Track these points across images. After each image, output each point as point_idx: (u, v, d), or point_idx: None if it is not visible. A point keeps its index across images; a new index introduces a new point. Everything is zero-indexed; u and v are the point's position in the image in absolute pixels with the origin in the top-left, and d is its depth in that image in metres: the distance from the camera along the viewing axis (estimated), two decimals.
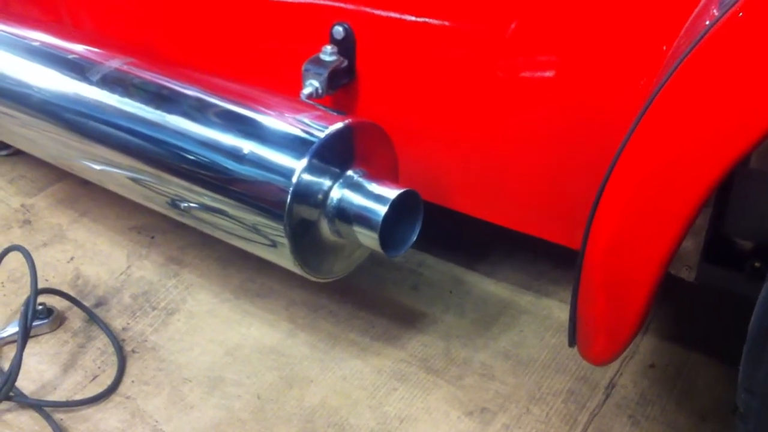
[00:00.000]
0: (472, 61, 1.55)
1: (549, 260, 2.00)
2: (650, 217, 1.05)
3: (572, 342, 1.29)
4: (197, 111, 1.59)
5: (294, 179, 1.42)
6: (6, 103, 1.89)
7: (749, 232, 1.37)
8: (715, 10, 1.09)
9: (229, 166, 1.50)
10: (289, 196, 1.42)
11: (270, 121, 1.53)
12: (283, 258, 1.51)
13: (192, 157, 1.55)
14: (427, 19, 1.57)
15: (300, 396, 1.67)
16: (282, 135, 1.49)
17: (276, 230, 1.46)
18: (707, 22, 1.05)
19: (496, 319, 1.86)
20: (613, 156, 1.11)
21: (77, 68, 1.78)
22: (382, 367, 1.74)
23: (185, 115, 1.59)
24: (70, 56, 1.83)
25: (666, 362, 1.75)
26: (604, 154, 1.35)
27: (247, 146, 1.49)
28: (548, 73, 1.49)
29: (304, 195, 1.44)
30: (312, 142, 1.44)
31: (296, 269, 1.52)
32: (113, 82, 1.71)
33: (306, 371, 1.73)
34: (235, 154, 1.50)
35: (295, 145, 1.46)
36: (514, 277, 1.98)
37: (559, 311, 1.87)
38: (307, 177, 1.43)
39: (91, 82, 1.73)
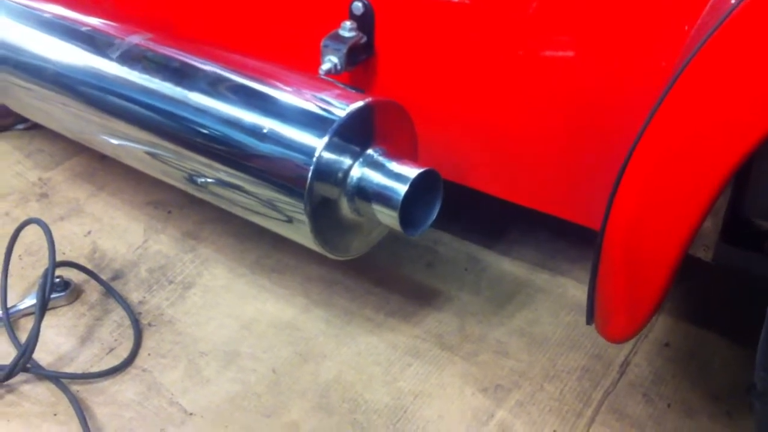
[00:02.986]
0: (492, 39, 1.54)
1: (565, 239, 2.00)
2: (672, 196, 1.05)
3: (590, 319, 1.30)
4: (218, 88, 1.59)
5: (315, 157, 1.42)
6: (25, 77, 1.90)
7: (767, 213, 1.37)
8: None
9: (250, 144, 1.50)
10: (309, 174, 1.42)
11: (291, 98, 1.53)
12: (303, 235, 1.52)
13: (212, 134, 1.55)
14: None
15: (315, 371, 1.69)
16: (303, 113, 1.49)
17: (296, 208, 1.46)
18: (733, 1, 1.05)
19: (511, 297, 1.87)
20: (633, 136, 1.11)
21: (97, 43, 1.78)
22: (397, 343, 1.75)
23: (205, 91, 1.59)
24: (91, 31, 1.83)
25: (680, 341, 1.76)
26: (623, 134, 1.36)
27: (268, 124, 1.50)
28: (569, 53, 1.48)
29: (325, 173, 1.44)
30: (333, 121, 1.44)
31: (315, 247, 1.53)
32: (133, 57, 1.71)
33: (321, 346, 1.74)
34: (256, 132, 1.50)
35: (315, 123, 1.46)
36: (529, 256, 1.98)
37: (575, 290, 1.88)
38: (328, 155, 1.43)
39: (110, 57, 1.73)
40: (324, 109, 1.48)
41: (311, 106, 1.50)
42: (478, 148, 1.66)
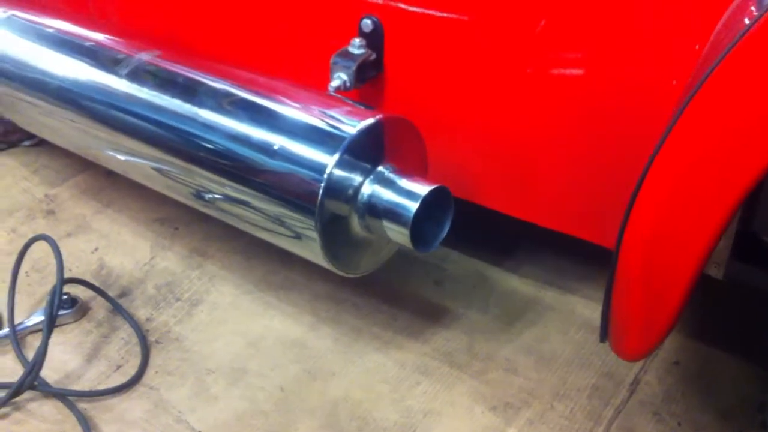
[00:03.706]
0: (500, 57, 1.54)
1: (573, 257, 2.00)
2: (690, 211, 1.05)
3: (604, 337, 1.29)
4: (227, 105, 1.59)
5: (326, 174, 1.42)
6: (32, 93, 1.90)
7: None
8: (753, 8, 1.09)
9: (260, 160, 1.50)
10: (321, 191, 1.42)
11: (301, 115, 1.53)
12: (312, 252, 1.52)
13: (222, 151, 1.55)
14: (455, 15, 1.57)
15: (323, 389, 1.68)
16: (313, 130, 1.49)
17: (307, 225, 1.46)
18: (747, 20, 1.05)
19: (520, 314, 1.87)
20: (646, 154, 1.11)
21: (106, 59, 1.79)
22: (405, 360, 1.75)
23: (216, 108, 1.59)
24: (99, 47, 1.84)
25: (690, 360, 1.75)
26: (633, 152, 1.36)
27: (279, 140, 1.50)
28: (577, 71, 1.48)
29: (336, 190, 1.44)
30: (344, 138, 1.44)
31: (325, 264, 1.52)
32: (142, 74, 1.71)
33: (329, 364, 1.74)
34: (266, 148, 1.50)
35: (326, 140, 1.46)
36: (537, 274, 1.98)
37: (583, 307, 1.87)
38: (339, 172, 1.43)
39: (119, 74, 1.73)
40: (334, 126, 1.48)
41: (322, 123, 1.50)
42: (488, 166, 1.66)
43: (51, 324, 1.65)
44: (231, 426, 1.60)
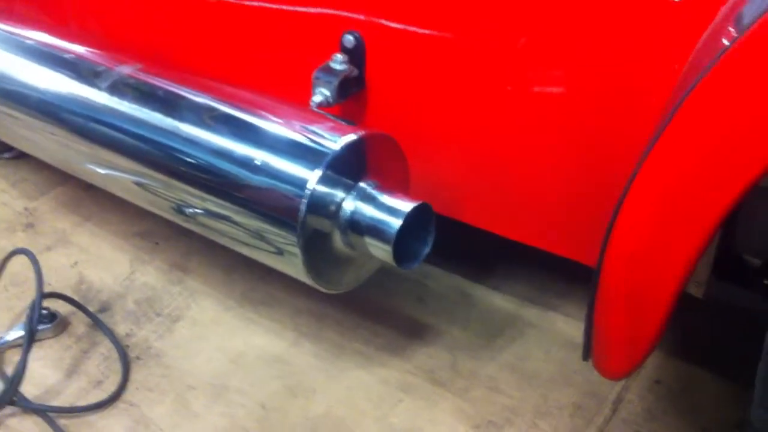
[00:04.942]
0: (481, 74, 1.55)
1: (554, 274, 2.00)
2: (671, 230, 1.05)
3: (587, 355, 1.30)
4: (209, 119, 1.59)
5: (308, 190, 1.41)
6: (12, 106, 1.88)
7: (759, 249, 1.38)
8: (732, 29, 1.10)
9: (242, 175, 1.50)
10: (303, 207, 1.41)
11: (283, 130, 1.53)
12: (294, 268, 1.51)
13: (204, 166, 1.55)
14: (437, 32, 1.57)
15: (305, 405, 1.67)
16: (295, 145, 1.49)
17: (289, 241, 1.45)
18: (725, 41, 1.06)
19: (502, 332, 1.86)
20: (628, 172, 1.12)
21: (87, 72, 1.78)
22: (388, 377, 1.74)
23: (197, 123, 1.59)
24: (80, 60, 1.83)
25: (671, 378, 1.75)
26: (613, 170, 1.36)
27: (261, 155, 1.49)
28: (557, 89, 1.49)
29: (318, 206, 1.44)
30: (326, 153, 1.44)
31: (307, 280, 1.51)
32: (123, 87, 1.71)
33: (311, 381, 1.73)
34: (248, 164, 1.49)
35: (308, 155, 1.46)
36: (519, 291, 1.98)
37: (565, 325, 1.87)
38: (321, 188, 1.43)
39: (100, 87, 1.72)
40: (317, 142, 1.48)
41: (304, 139, 1.50)
42: (470, 182, 1.66)
43: (30, 339, 1.63)
44: None
